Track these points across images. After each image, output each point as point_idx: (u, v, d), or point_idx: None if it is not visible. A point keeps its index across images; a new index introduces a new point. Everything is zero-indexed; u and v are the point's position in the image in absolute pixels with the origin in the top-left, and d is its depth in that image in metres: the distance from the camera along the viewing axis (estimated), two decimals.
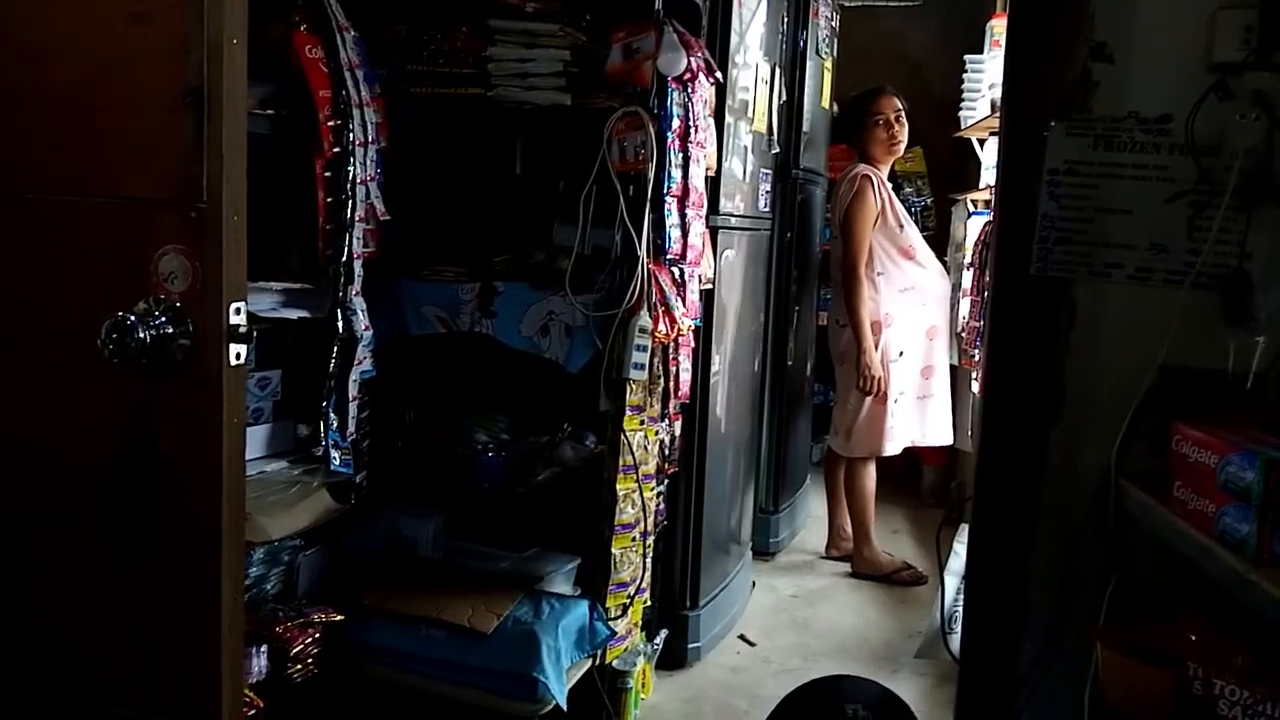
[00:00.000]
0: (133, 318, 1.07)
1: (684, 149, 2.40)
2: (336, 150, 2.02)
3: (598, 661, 2.44)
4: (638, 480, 2.44)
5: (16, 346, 1.17)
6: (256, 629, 2.04)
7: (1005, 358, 1.84)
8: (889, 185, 3.67)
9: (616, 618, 2.44)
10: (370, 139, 2.09)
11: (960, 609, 2.11)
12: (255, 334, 1.13)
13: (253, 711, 1.94)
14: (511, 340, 2.49)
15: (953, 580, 2.48)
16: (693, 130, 2.42)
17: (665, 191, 2.35)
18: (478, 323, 2.51)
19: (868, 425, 3.59)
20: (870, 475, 3.68)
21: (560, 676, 2.22)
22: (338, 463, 2.12)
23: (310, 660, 2.12)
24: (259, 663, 2.00)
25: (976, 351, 3.88)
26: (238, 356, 1.13)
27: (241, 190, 1.12)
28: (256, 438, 2.10)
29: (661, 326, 2.40)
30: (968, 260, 4.30)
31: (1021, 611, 1.84)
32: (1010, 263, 1.82)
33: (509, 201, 2.74)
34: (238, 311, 1.12)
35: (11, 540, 1.22)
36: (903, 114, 3.65)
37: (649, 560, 2.58)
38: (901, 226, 3.60)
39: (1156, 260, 1.73)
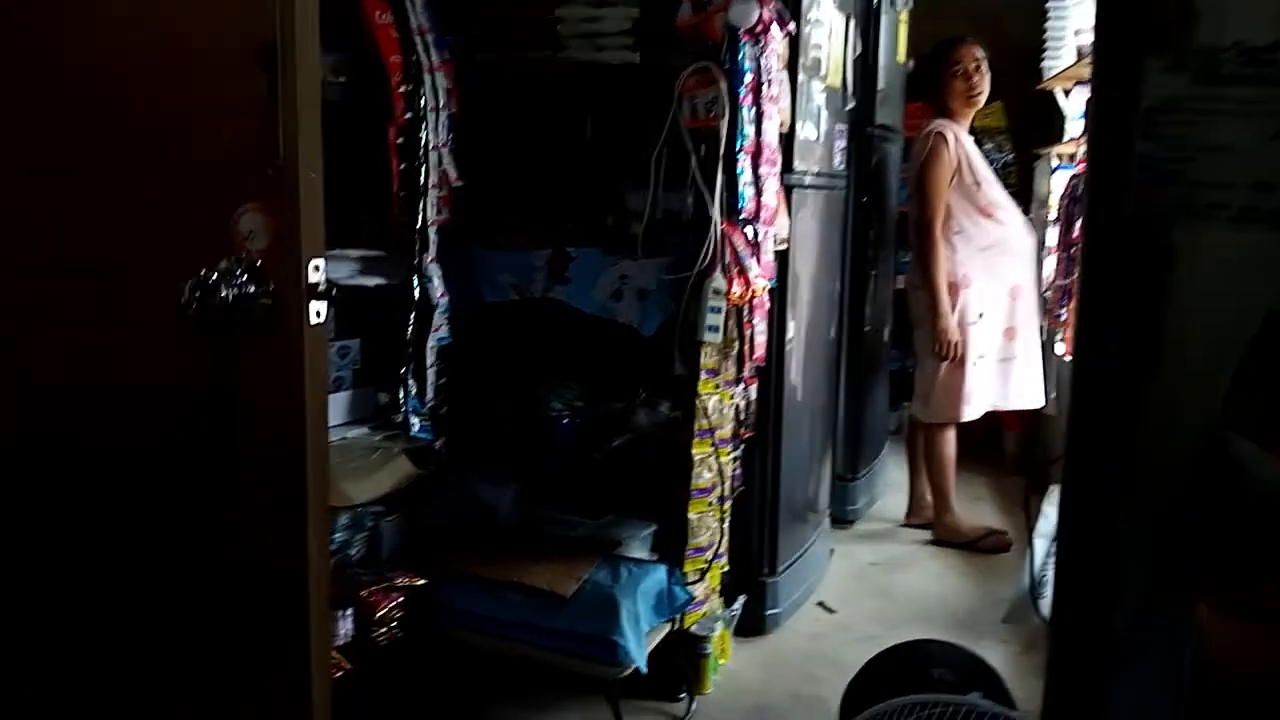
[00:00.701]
0: (215, 276, 1.08)
1: (756, 104, 2.34)
2: (408, 116, 2.02)
3: (676, 626, 2.43)
4: (714, 444, 2.41)
5: (106, 307, 1.19)
6: (342, 593, 2.08)
7: (1099, 308, 1.75)
8: (969, 140, 3.54)
9: (694, 583, 2.43)
10: (441, 104, 2.09)
11: (1049, 573, 2.04)
12: (335, 292, 1.13)
13: (339, 673, 1.98)
14: (585, 305, 2.47)
15: (1041, 543, 2.40)
16: (765, 85, 2.36)
17: (738, 149, 2.30)
18: (550, 289, 2.50)
19: (945, 390, 3.49)
20: (949, 441, 3.59)
21: (640, 640, 2.22)
22: (417, 428, 2.14)
23: (394, 624, 2.15)
24: (345, 626, 2.04)
25: (1063, 310, 3.76)
26: (318, 314, 1.13)
27: (316, 147, 1.11)
28: (338, 404, 2.13)
29: (736, 288, 2.36)
30: (1052, 217, 4.16)
31: (1116, 574, 1.76)
32: (1104, 208, 1.72)
33: (579, 166, 2.71)
34: (316, 269, 1.12)
35: (100, 498, 1.25)
36: (983, 64, 3.51)
37: (726, 526, 2.56)
38: (979, 184, 3.46)
39: (1262, 200, 1.63)
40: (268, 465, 1.15)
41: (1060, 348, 3.99)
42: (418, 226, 2.07)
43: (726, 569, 2.65)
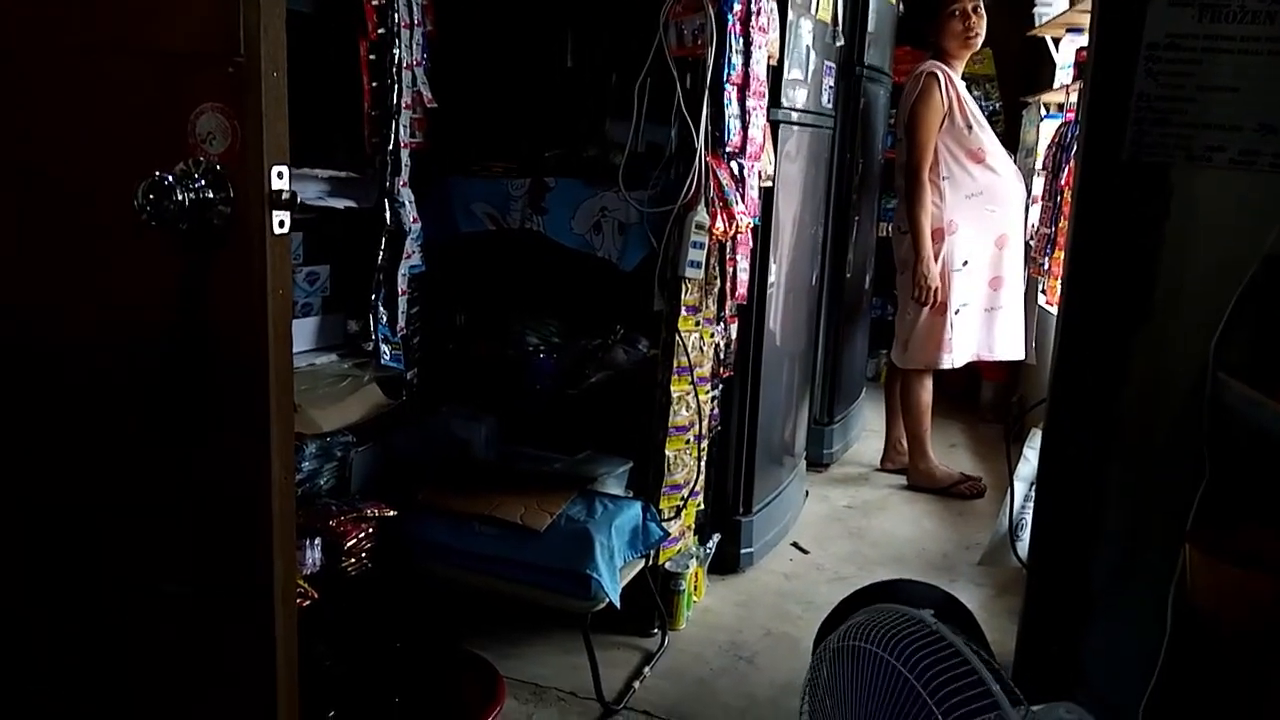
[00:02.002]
0: (169, 179, 1.01)
1: (745, 34, 2.27)
2: (381, 32, 1.93)
3: (650, 563, 2.42)
4: (692, 382, 2.38)
5: (59, 212, 1.13)
6: (311, 522, 2.04)
7: (1091, 249, 1.72)
8: (961, 83, 3.46)
9: (670, 519, 2.41)
10: (416, 21, 2.01)
11: (1028, 516, 2.04)
12: (298, 201, 1.07)
13: (307, 603, 1.95)
14: (563, 238, 2.42)
15: (1021, 486, 2.40)
16: (755, 14, 2.29)
17: (725, 79, 2.23)
18: (528, 220, 2.44)
19: (925, 336, 3.47)
20: (926, 388, 3.57)
21: (614, 575, 2.20)
22: (388, 357, 2.09)
23: (364, 555, 2.13)
24: (313, 555, 2.01)
25: (1046, 259, 3.73)
26: (281, 224, 1.07)
27: (281, 44, 1.04)
28: (306, 330, 2.07)
29: (719, 223, 2.31)
30: (1039, 165, 4.12)
31: (1097, 517, 1.76)
32: (1099, 148, 1.69)
33: (560, 94, 2.64)
34: (280, 175, 1.06)
35: (63, 412, 1.20)
36: (980, 5, 3.43)
37: (703, 464, 2.54)
38: (970, 128, 3.39)
39: (1264, 143, 1.59)
40: (229, 379, 1.10)
41: (1042, 297, 3.98)
42: (389, 148, 1.99)
43: (702, 507, 2.64)
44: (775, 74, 2.59)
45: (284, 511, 1.14)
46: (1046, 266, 3.74)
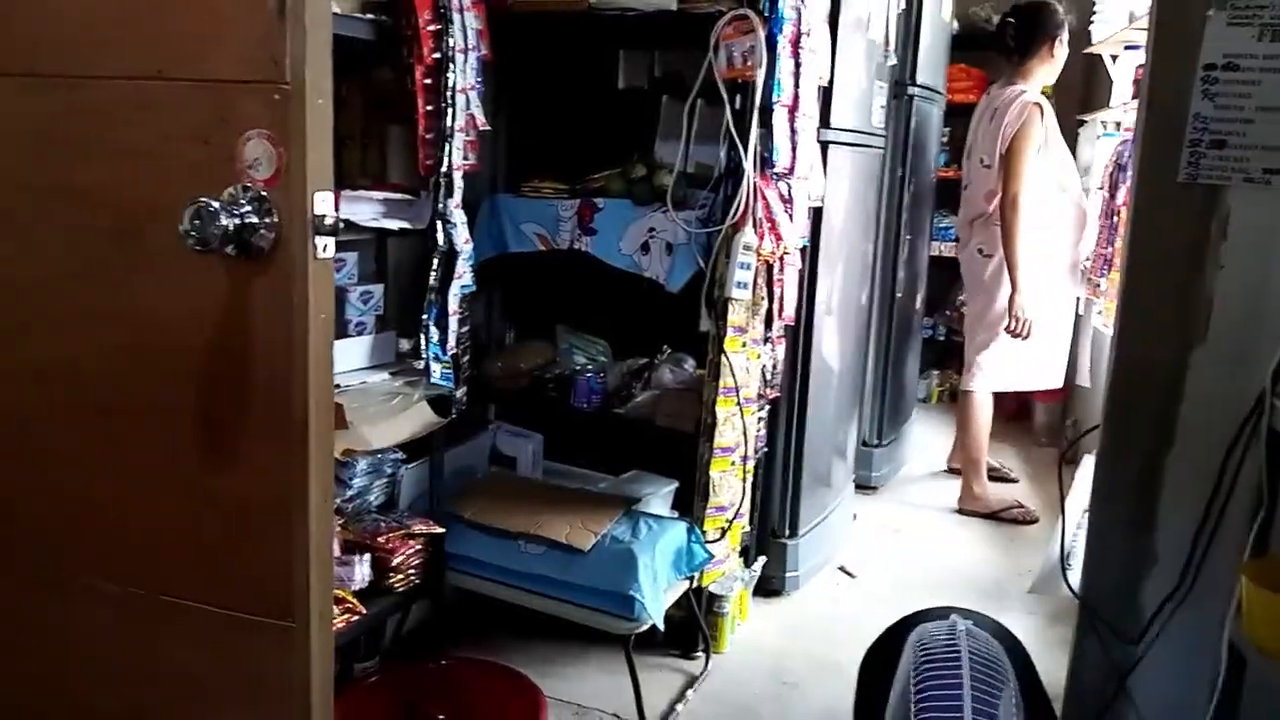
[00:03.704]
0: (215, 204, 1.04)
1: (795, 55, 2.27)
2: (436, 56, 1.97)
3: (695, 584, 2.41)
4: (739, 403, 2.37)
5: (109, 233, 1.16)
6: (360, 538, 2.07)
7: (1145, 273, 1.69)
8: (1052, 112, 3.43)
9: (714, 541, 2.40)
10: (470, 45, 2.04)
11: (1080, 544, 1.99)
12: (341, 226, 1.09)
13: (355, 618, 1.98)
14: (611, 258, 2.43)
15: (1073, 514, 2.34)
16: (805, 35, 2.29)
17: (774, 101, 2.23)
18: (577, 240, 2.46)
19: (997, 360, 3.47)
20: (986, 409, 3.55)
21: (657, 596, 2.20)
22: (438, 376, 2.11)
23: (411, 571, 2.15)
24: (362, 571, 2.03)
25: (1102, 280, 3.66)
26: (323, 249, 1.09)
27: (326, 72, 1.07)
28: (359, 349, 2.11)
29: (767, 244, 2.30)
30: (1096, 185, 4.04)
31: (1150, 545, 1.71)
32: (1155, 170, 1.66)
33: (610, 116, 2.66)
34: (323, 201, 1.08)
35: (103, 430, 1.23)
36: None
37: (748, 486, 2.53)
38: (1057, 159, 3.40)
39: None
40: (269, 401, 1.13)
41: (1099, 319, 3.90)
42: (443, 170, 2.02)
43: (747, 529, 2.62)
44: (825, 94, 2.59)
45: (321, 532, 1.16)
46: (1103, 288, 3.66)
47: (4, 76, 1.22)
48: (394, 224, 2.04)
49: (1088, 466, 2.35)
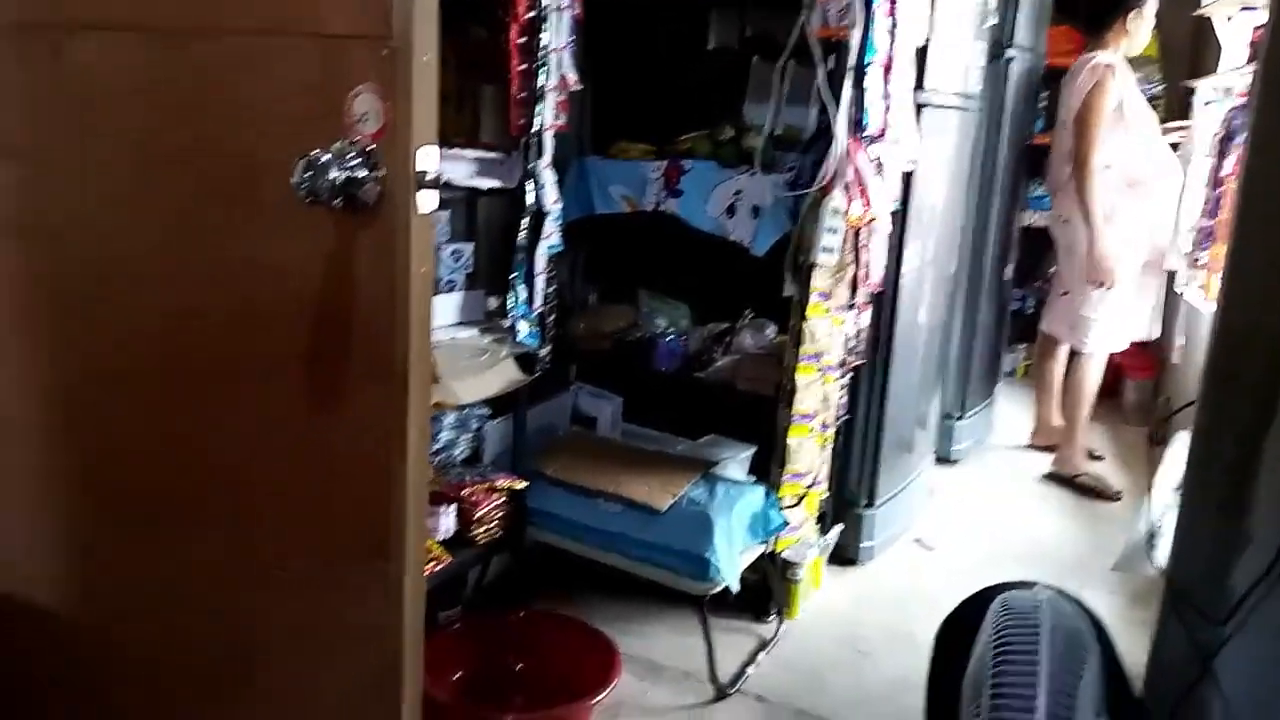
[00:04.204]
0: (326, 157, 1.07)
1: (892, 14, 2.22)
2: (530, 15, 1.98)
3: (770, 549, 2.42)
4: (820, 370, 2.36)
5: (224, 185, 1.21)
6: (445, 491, 2.13)
7: (1255, 239, 1.62)
8: (1131, 75, 3.37)
9: (791, 507, 2.41)
10: (564, 4, 2.04)
11: (1167, 523, 1.94)
12: (442, 181, 1.12)
13: (439, 566, 2.04)
14: (696, 220, 2.43)
15: (1161, 493, 2.29)
16: None
17: (868, 61, 2.19)
18: (663, 202, 2.46)
19: (1096, 318, 3.41)
20: (1096, 370, 3.51)
21: (732, 559, 2.22)
22: (524, 334, 2.15)
23: (493, 524, 2.20)
24: (447, 521, 2.10)
25: (1203, 253, 3.52)
26: (425, 203, 1.12)
27: (432, 29, 1.09)
28: (449, 306, 2.16)
29: (856, 208, 2.27)
30: (1203, 153, 3.87)
31: (1243, 527, 1.66)
32: (1270, 134, 1.59)
33: (699, 77, 2.64)
34: (426, 157, 1.11)
35: (215, 379, 1.28)
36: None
37: (827, 453, 2.52)
38: (1135, 119, 3.32)
39: None
40: (371, 351, 1.16)
41: (1194, 292, 3.76)
42: (534, 130, 2.04)
43: (825, 497, 2.61)
44: (921, 54, 2.52)
45: (418, 480, 1.20)
46: (1203, 261, 3.52)
47: (122, 31, 1.27)
48: (486, 183, 2.08)
49: (1177, 446, 2.29)
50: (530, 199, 2.10)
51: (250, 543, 1.30)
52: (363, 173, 1.08)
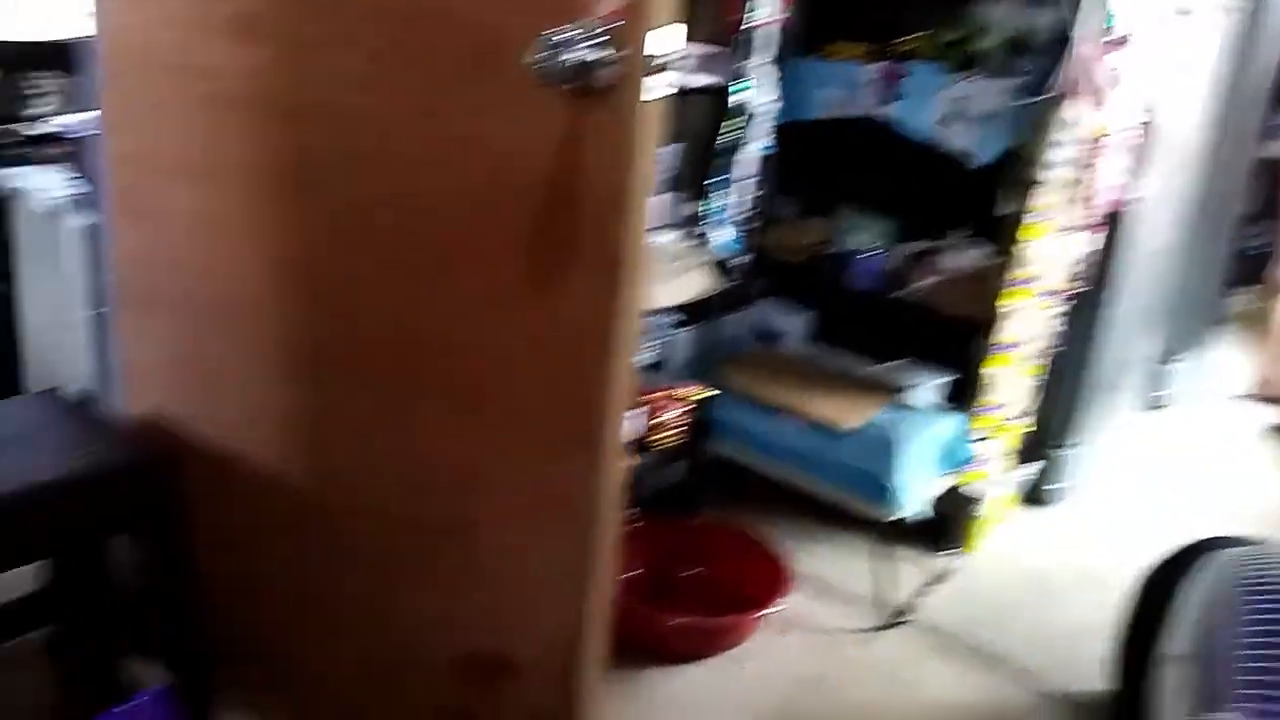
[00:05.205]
0: (564, 35, 1.03)
1: None
2: None
3: (958, 481, 2.31)
4: (1035, 295, 2.19)
5: (458, 62, 1.19)
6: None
7: None
8: None
9: (984, 440, 2.28)
10: None
11: None
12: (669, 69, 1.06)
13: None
14: (915, 125, 2.27)
15: None
16: None
17: None
18: (877, 107, 2.31)
19: None
20: None
21: (913, 487, 2.14)
22: (722, 241, 2.09)
23: (675, 431, 2.19)
24: (634, 424, 2.10)
25: None
26: (658, 88, 1.07)
27: None
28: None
29: (1092, 121, 2.07)
30: None
31: None
32: None
33: None
34: (662, 40, 1.05)
35: (437, 258, 1.29)
36: None
37: (1030, 386, 2.37)
38: None
39: None
40: (594, 236, 1.14)
41: None
42: (749, 25, 1.94)
43: (1024, 432, 2.47)
44: None
45: (627, 369, 1.19)
46: None
47: None
48: (698, 80, 2.00)
49: None
50: (739, 99, 2.01)
51: (470, 414, 1.32)
52: (601, 53, 1.04)
